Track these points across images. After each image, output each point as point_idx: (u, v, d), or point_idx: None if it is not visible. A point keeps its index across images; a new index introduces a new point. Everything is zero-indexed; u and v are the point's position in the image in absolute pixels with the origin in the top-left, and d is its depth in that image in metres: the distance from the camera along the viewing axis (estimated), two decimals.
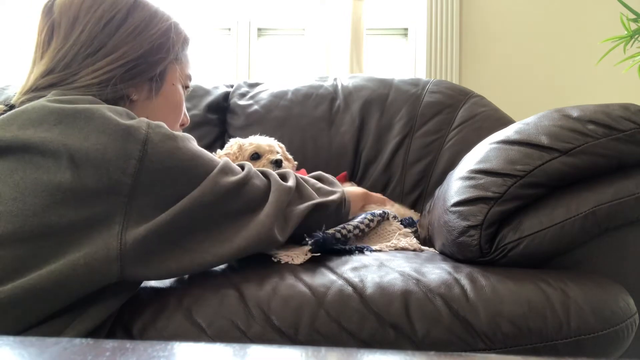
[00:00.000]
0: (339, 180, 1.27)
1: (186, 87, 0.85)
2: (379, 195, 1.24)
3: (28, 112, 0.60)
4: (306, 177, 0.88)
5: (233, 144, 1.24)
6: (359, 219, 0.92)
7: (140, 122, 0.62)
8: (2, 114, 0.64)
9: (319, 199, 0.81)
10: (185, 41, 0.81)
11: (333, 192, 0.87)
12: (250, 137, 1.27)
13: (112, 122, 0.59)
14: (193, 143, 0.68)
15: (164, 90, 0.79)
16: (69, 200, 0.55)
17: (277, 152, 1.22)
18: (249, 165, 0.75)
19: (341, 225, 0.87)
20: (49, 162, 0.56)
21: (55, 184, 0.55)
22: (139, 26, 0.73)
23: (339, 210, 0.88)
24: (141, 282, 0.68)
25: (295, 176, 0.82)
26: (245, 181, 0.70)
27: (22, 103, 0.66)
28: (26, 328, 0.55)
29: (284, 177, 0.80)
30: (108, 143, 0.58)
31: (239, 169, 0.73)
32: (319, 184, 0.88)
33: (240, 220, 0.69)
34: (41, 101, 0.61)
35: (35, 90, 0.69)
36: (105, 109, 0.61)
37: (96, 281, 0.57)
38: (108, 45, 0.70)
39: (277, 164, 1.16)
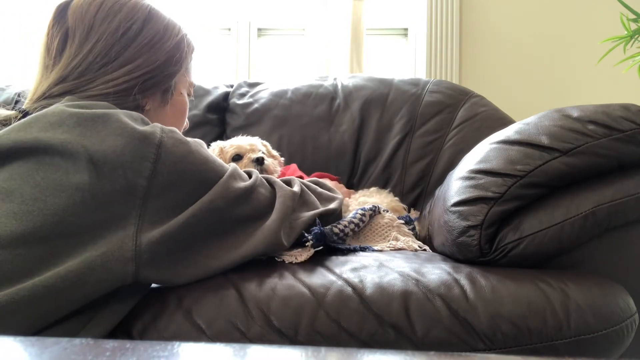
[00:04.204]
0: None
1: (189, 95, 0.88)
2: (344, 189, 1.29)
3: (48, 115, 0.61)
4: (307, 182, 0.91)
5: (215, 147, 1.24)
6: (351, 215, 0.94)
7: (154, 127, 0.64)
8: (17, 119, 0.65)
9: (322, 208, 0.83)
10: (192, 51, 0.84)
11: (333, 199, 0.90)
12: (231, 138, 1.27)
13: (129, 126, 0.61)
14: (205, 148, 0.69)
15: (174, 100, 0.82)
16: (87, 201, 0.56)
17: (259, 151, 1.22)
18: (256, 173, 0.76)
19: (335, 222, 0.88)
20: (68, 163, 0.57)
21: (74, 185, 0.57)
22: (154, 38, 0.75)
23: (338, 217, 0.91)
24: (151, 284, 0.68)
25: (300, 183, 0.84)
26: (253, 189, 0.72)
27: (36, 110, 0.67)
28: (42, 328, 0.55)
29: (288, 183, 0.82)
30: (125, 146, 0.59)
31: (246, 176, 0.74)
32: (319, 189, 0.90)
33: (249, 226, 0.71)
34: (59, 105, 0.63)
35: (49, 97, 0.70)
36: (122, 114, 0.62)
37: (112, 282, 0.57)
38: (124, 56, 0.72)
39: (259, 161, 1.17)
